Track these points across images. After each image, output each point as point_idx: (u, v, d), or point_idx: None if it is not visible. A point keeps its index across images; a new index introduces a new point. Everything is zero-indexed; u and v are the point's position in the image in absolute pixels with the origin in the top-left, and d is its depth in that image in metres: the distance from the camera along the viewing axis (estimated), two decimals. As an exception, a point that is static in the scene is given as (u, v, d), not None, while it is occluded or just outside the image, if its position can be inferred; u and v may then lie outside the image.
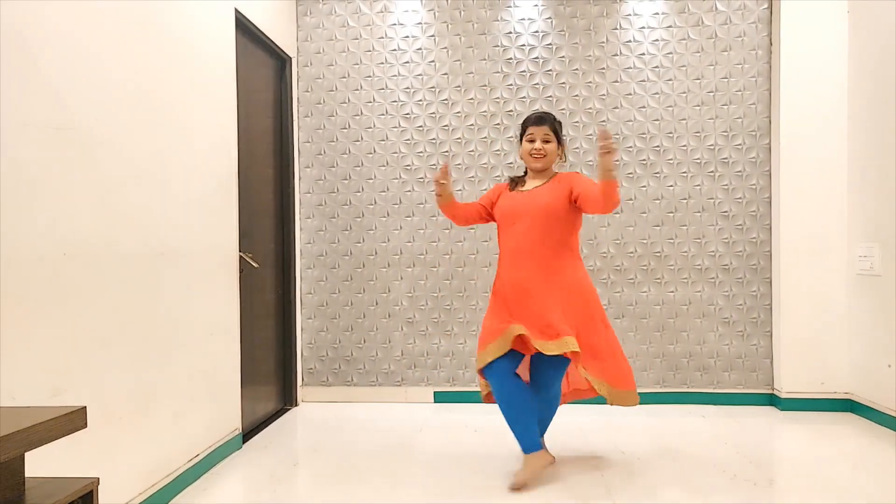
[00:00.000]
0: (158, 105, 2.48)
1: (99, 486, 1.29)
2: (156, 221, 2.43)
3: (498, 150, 3.96)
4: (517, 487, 2.58)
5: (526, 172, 2.86)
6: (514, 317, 2.62)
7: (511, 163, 3.95)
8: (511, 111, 3.95)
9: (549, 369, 2.68)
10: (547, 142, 2.73)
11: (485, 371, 2.66)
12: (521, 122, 3.89)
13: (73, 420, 1.17)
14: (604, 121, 3.90)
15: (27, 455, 1.28)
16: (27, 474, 1.23)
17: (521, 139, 2.82)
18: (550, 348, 2.52)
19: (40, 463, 1.70)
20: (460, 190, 3.97)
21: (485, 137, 3.97)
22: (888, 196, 3.31)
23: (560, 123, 2.82)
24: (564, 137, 2.88)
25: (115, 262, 2.17)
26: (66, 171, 1.95)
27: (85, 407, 1.20)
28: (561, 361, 2.63)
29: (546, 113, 2.81)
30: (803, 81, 3.68)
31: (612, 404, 2.67)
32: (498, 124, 3.96)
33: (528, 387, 2.69)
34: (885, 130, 3.33)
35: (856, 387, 3.63)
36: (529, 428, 2.63)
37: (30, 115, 1.80)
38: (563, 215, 2.66)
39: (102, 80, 2.13)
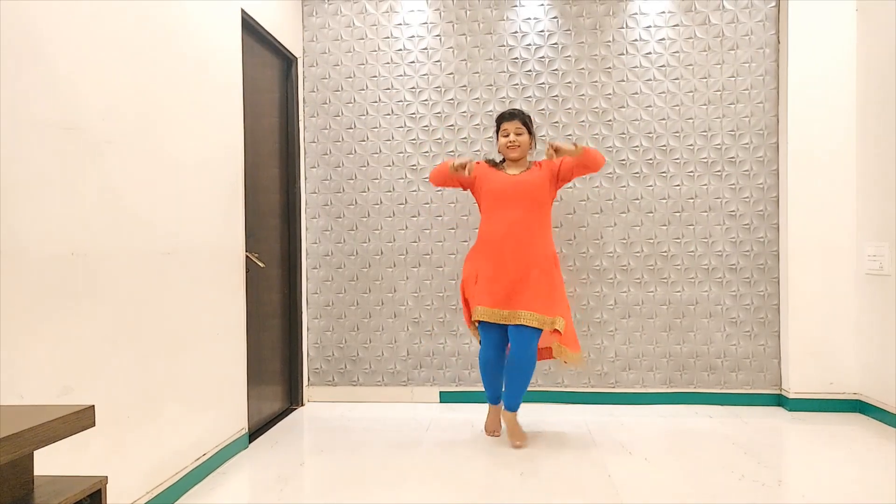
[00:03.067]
0: (165, 104, 2.48)
1: (107, 485, 1.29)
2: (163, 221, 2.44)
3: (504, 150, 3.95)
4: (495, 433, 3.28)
5: (503, 161, 3.32)
6: (502, 290, 3.09)
7: (517, 162, 3.94)
8: (517, 111, 3.95)
9: (523, 337, 3.08)
10: (519, 134, 3.21)
11: (480, 328, 3.20)
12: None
13: (82, 419, 1.17)
14: (610, 120, 3.89)
15: (36, 453, 1.28)
16: (36, 472, 1.23)
17: (496, 135, 3.31)
18: (529, 319, 3.03)
19: (49, 462, 1.70)
20: (465, 190, 3.96)
21: (490, 137, 3.97)
22: (897, 195, 3.29)
23: (530, 117, 3.29)
24: (535, 129, 3.46)
25: (123, 261, 2.18)
26: (74, 171, 1.95)
27: (93, 405, 1.20)
28: (535, 332, 3.09)
29: (516, 109, 3.30)
30: (811, 80, 3.67)
31: (565, 362, 3.11)
32: (504, 124, 3.96)
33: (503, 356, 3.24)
34: (894, 128, 3.30)
35: (864, 387, 3.61)
36: (496, 386, 3.28)
37: (38, 115, 1.81)
38: (547, 198, 3.20)
39: (109, 79, 2.14)
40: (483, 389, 3.65)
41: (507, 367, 3.17)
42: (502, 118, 3.25)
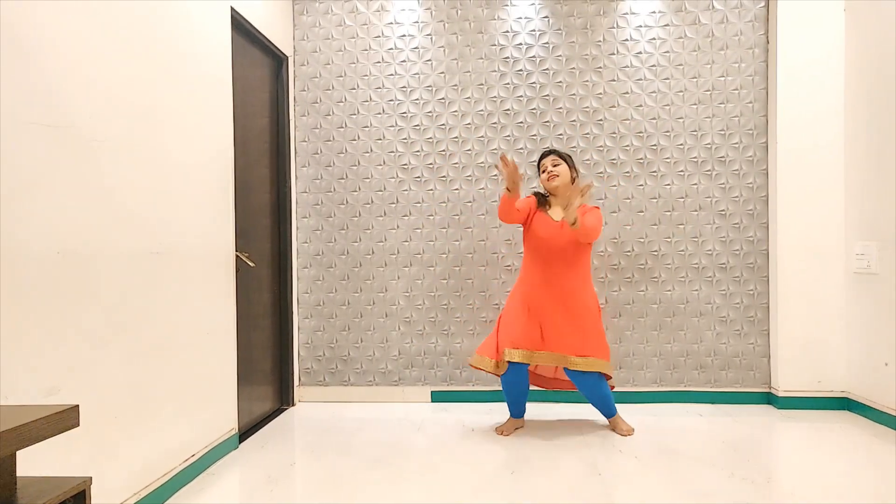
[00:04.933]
0: (154, 103, 2.47)
1: (92, 486, 1.28)
2: (151, 220, 2.43)
3: (495, 149, 3.96)
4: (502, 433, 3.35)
5: (546, 196, 3.38)
6: (540, 333, 3.23)
7: (508, 162, 3.94)
8: (508, 110, 3.95)
9: (582, 381, 3.24)
10: (556, 164, 3.28)
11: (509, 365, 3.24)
12: (518, 120, 3.94)
13: (65, 419, 1.16)
14: (601, 119, 3.90)
15: (21, 454, 1.27)
16: (22, 473, 1.22)
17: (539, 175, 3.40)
18: (578, 364, 3.16)
19: (36, 462, 1.69)
20: (457, 189, 3.97)
21: (482, 136, 3.97)
22: (885, 194, 3.31)
23: (569, 157, 3.35)
24: (577, 171, 3.42)
25: (111, 261, 2.16)
26: (61, 170, 1.94)
27: (77, 405, 1.20)
28: (590, 375, 3.22)
29: (555, 149, 3.39)
30: (800, 80, 3.69)
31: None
32: (495, 123, 3.96)
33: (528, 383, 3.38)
34: (882, 128, 3.33)
35: (853, 385, 3.63)
36: (521, 402, 3.41)
37: (25, 114, 1.80)
38: (584, 247, 3.24)
39: (98, 78, 2.12)
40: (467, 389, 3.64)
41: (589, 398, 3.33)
42: (541, 156, 3.36)
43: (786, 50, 3.70)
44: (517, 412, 3.42)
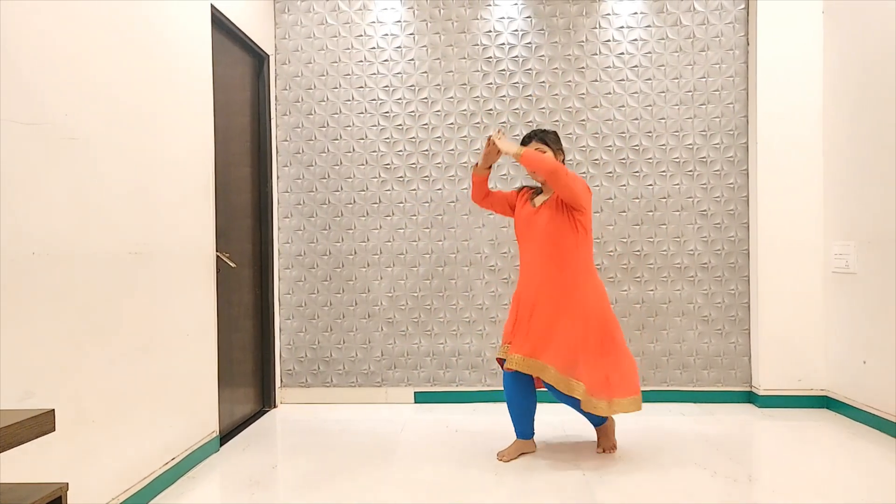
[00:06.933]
0: (133, 102, 2.42)
1: (70, 491, 1.25)
2: (130, 220, 2.38)
3: (478, 149, 3.95)
4: (502, 458, 2.93)
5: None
6: (530, 336, 2.80)
7: (491, 162, 3.94)
8: (491, 110, 3.95)
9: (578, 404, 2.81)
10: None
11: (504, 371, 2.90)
12: (500, 121, 3.94)
13: (41, 423, 1.13)
14: (583, 120, 3.91)
15: (-7, 460, 1.24)
16: (-7, 480, 1.19)
17: None
18: (561, 385, 2.73)
19: (10, 468, 1.65)
20: (440, 189, 3.95)
21: (465, 136, 3.96)
22: (864, 194, 3.36)
23: (554, 135, 2.91)
24: (564, 147, 3.13)
25: (88, 261, 2.12)
26: (37, 168, 1.89)
27: (53, 410, 1.16)
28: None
29: (538, 130, 2.92)
30: (780, 81, 3.73)
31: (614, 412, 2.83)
32: (478, 123, 3.95)
33: (533, 389, 2.96)
34: (861, 129, 3.37)
35: (832, 383, 3.68)
36: (525, 420, 2.97)
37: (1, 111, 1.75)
38: (566, 231, 2.80)
39: (76, 75, 2.08)
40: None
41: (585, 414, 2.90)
42: (524, 139, 2.91)
43: (765, 51, 3.74)
44: (522, 432, 2.96)
